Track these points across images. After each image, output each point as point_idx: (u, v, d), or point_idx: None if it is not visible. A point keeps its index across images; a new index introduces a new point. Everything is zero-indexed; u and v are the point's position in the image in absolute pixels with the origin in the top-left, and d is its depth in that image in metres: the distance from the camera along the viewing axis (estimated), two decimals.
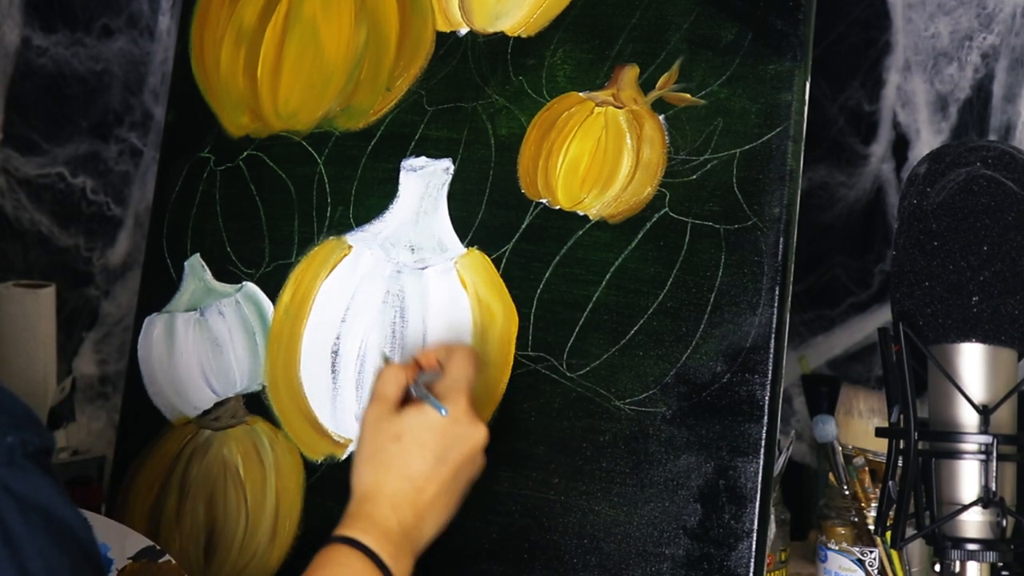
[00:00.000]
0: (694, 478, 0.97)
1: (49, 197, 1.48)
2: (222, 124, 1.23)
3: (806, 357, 1.49)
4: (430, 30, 1.15)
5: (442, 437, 0.94)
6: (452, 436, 0.94)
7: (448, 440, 0.94)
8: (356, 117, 1.17)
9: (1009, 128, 1.39)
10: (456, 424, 0.94)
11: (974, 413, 0.93)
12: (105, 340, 1.53)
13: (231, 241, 1.20)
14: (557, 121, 1.08)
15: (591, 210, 1.05)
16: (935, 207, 0.95)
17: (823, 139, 1.46)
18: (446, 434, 0.94)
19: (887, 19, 1.43)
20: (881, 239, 1.46)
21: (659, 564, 0.97)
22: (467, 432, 0.94)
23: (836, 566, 1.21)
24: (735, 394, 0.97)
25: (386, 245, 1.12)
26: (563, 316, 1.04)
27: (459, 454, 0.94)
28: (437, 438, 0.94)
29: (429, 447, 0.93)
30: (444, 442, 0.94)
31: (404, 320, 1.10)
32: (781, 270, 0.98)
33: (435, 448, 0.93)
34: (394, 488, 0.93)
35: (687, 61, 1.05)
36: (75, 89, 1.49)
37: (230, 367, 1.17)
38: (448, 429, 0.94)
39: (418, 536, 0.93)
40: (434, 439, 0.94)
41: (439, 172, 1.12)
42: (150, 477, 1.18)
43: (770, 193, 0.99)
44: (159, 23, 1.52)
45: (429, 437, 0.94)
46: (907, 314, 0.95)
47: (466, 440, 0.94)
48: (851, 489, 1.22)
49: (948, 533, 0.93)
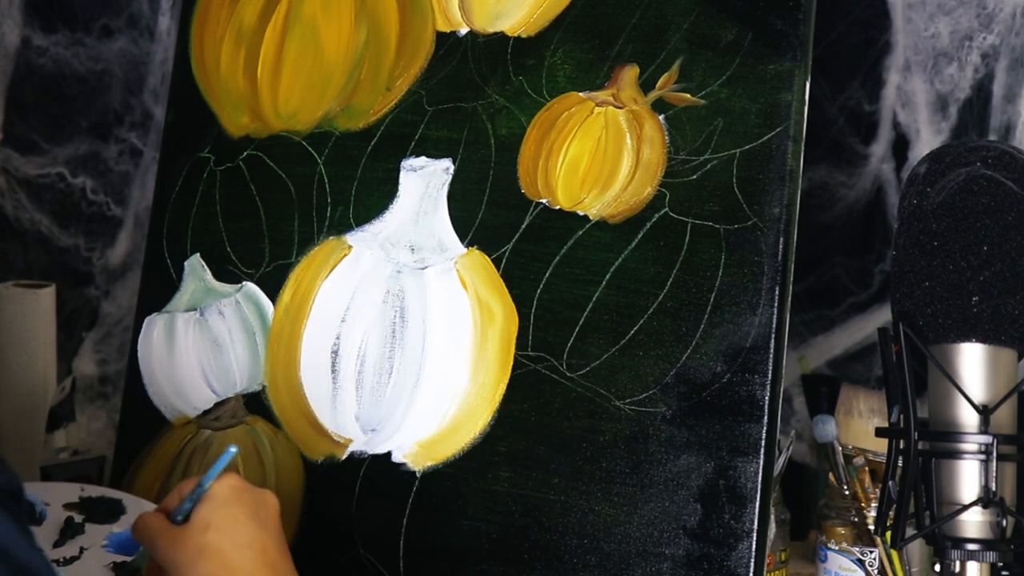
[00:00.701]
0: (694, 478, 0.97)
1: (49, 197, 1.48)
2: (222, 124, 1.23)
3: (806, 357, 1.49)
4: (430, 30, 1.15)
5: (240, 503, 0.91)
6: (250, 500, 0.91)
7: (248, 503, 0.91)
8: (356, 117, 1.17)
9: (1009, 128, 1.39)
10: (246, 490, 0.91)
11: (974, 413, 0.93)
12: (105, 340, 1.53)
13: (231, 241, 1.20)
14: (557, 121, 1.08)
15: (591, 210, 1.05)
16: (935, 207, 0.95)
17: (823, 139, 1.46)
18: (243, 500, 0.91)
19: (887, 19, 1.43)
20: (881, 239, 1.46)
21: (659, 564, 0.97)
22: (258, 493, 0.92)
23: (836, 566, 1.21)
24: (735, 394, 0.97)
25: (386, 245, 1.13)
26: (563, 316, 1.04)
27: (267, 511, 0.91)
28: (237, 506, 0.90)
29: (240, 513, 0.90)
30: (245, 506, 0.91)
31: (404, 320, 1.10)
32: (781, 270, 0.98)
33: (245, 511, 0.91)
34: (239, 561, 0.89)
35: (687, 61, 1.05)
36: (75, 89, 1.49)
37: (230, 367, 1.17)
38: (241, 495, 0.91)
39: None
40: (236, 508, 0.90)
41: (439, 172, 1.12)
42: (150, 477, 1.18)
43: (770, 193, 0.99)
44: (159, 23, 1.52)
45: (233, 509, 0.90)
46: (907, 314, 0.95)
47: (261, 497, 0.92)
48: (851, 489, 1.22)
49: (948, 533, 0.93)
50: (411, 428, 1.08)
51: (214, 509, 0.90)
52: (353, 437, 1.10)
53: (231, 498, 0.91)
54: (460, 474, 1.05)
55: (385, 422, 1.09)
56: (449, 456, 1.06)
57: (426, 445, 1.07)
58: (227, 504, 0.90)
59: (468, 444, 1.06)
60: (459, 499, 1.05)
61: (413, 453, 1.07)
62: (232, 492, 0.91)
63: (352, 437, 1.10)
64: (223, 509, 0.90)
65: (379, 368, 1.10)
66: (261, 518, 0.91)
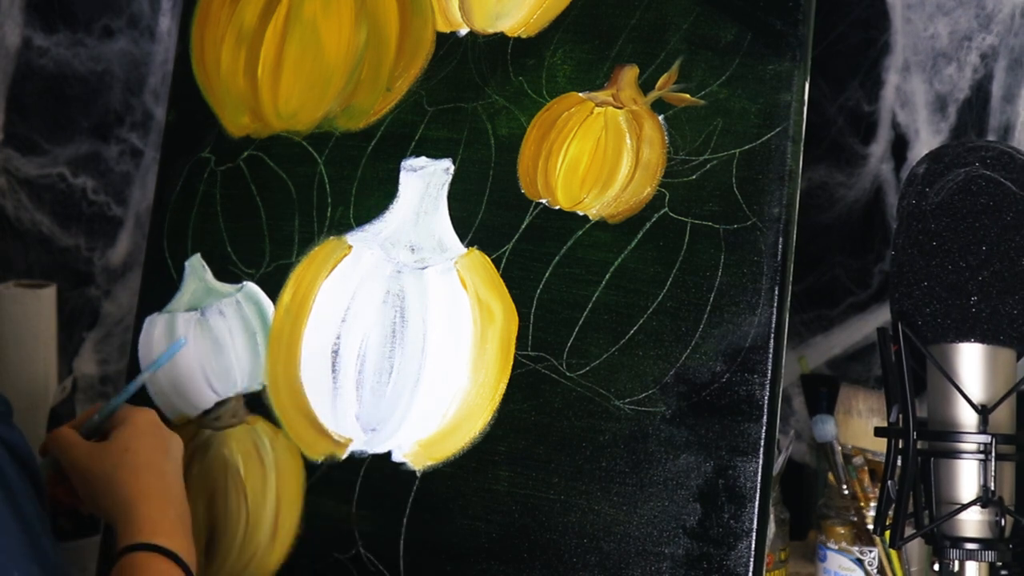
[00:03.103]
0: (694, 477, 0.98)
1: (50, 197, 1.49)
2: (222, 124, 1.23)
3: (806, 357, 1.49)
4: (430, 30, 1.15)
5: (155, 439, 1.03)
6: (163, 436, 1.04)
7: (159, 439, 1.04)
8: (356, 117, 1.17)
9: (1008, 128, 1.39)
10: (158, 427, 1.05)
11: (973, 413, 0.93)
12: (106, 340, 1.53)
13: (231, 241, 1.20)
14: (557, 121, 1.08)
15: (591, 210, 1.05)
16: (934, 207, 0.95)
17: (823, 139, 1.46)
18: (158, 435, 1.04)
19: (886, 20, 1.43)
20: (880, 239, 1.46)
21: (659, 563, 0.98)
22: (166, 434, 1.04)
23: (835, 565, 1.22)
24: (734, 394, 0.98)
25: (386, 245, 1.13)
26: (563, 316, 1.04)
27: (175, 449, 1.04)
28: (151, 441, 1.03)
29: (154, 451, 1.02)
30: (158, 442, 1.03)
31: (404, 320, 1.10)
32: (781, 270, 0.98)
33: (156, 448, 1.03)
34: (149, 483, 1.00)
35: (687, 61, 1.05)
36: (76, 89, 1.50)
37: (230, 367, 1.18)
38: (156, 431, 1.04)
39: (188, 515, 1.01)
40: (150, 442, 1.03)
41: (439, 172, 1.12)
42: None
43: (770, 193, 0.99)
44: (160, 23, 1.52)
45: (146, 442, 1.02)
46: (906, 314, 0.96)
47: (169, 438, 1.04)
48: (850, 489, 1.23)
49: (947, 532, 0.93)
50: (411, 428, 1.08)
51: (134, 435, 1.02)
52: (353, 437, 1.10)
53: (148, 430, 1.03)
54: (460, 474, 1.06)
55: (385, 422, 1.09)
56: (449, 456, 1.06)
57: (426, 445, 1.07)
58: (145, 434, 1.03)
59: (468, 444, 1.06)
60: (459, 499, 1.05)
61: (413, 453, 1.08)
62: (149, 425, 1.04)
63: (352, 437, 1.11)
64: (142, 438, 1.02)
65: (379, 368, 1.10)
66: (172, 454, 1.03)
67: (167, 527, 0.97)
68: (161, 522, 0.97)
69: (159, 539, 0.96)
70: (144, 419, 1.04)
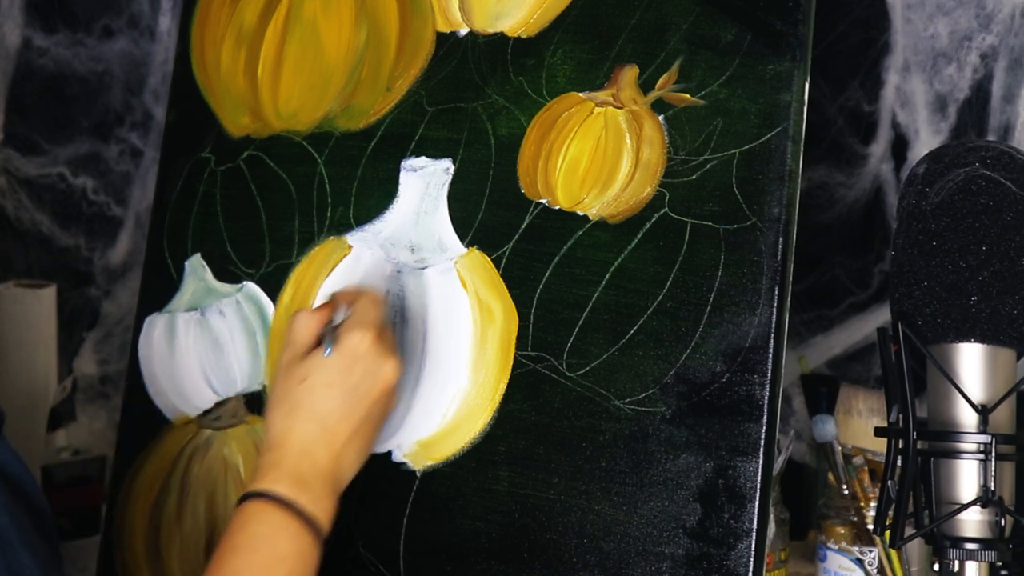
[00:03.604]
0: (693, 477, 0.98)
1: (50, 197, 1.49)
2: (222, 124, 1.23)
3: (806, 357, 1.49)
4: (430, 30, 1.16)
5: (349, 374, 0.92)
6: (359, 373, 0.92)
7: (355, 377, 0.92)
8: (356, 117, 1.17)
9: (1008, 128, 1.39)
10: (362, 360, 0.92)
11: (973, 413, 0.93)
12: (106, 340, 1.53)
13: (231, 241, 1.20)
14: (557, 121, 1.08)
15: (591, 210, 1.05)
16: (934, 207, 0.95)
17: (823, 139, 1.46)
18: (353, 371, 0.92)
19: (886, 19, 1.43)
20: (880, 239, 1.46)
21: (659, 563, 0.98)
22: (374, 367, 0.92)
23: (835, 565, 1.22)
24: (734, 394, 0.98)
25: (386, 245, 1.13)
26: (563, 316, 1.04)
27: (368, 391, 0.92)
28: (344, 376, 0.92)
29: (336, 386, 0.91)
30: (352, 379, 0.92)
31: (404, 320, 1.10)
32: (780, 270, 0.98)
33: (343, 386, 0.91)
34: (303, 431, 0.91)
35: (687, 61, 1.05)
36: (76, 89, 1.50)
37: (231, 367, 1.18)
38: (355, 366, 0.92)
39: (336, 477, 0.91)
40: (341, 377, 0.91)
41: (439, 172, 1.12)
42: (151, 477, 1.19)
43: (770, 193, 0.99)
44: (160, 24, 1.52)
45: (336, 376, 0.91)
46: (906, 314, 0.96)
47: (374, 375, 0.93)
48: (850, 489, 1.23)
49: (947, 532, 0.93)
50: (411, 428, 1.08)
51: (319, 366, 0.91)
52: None
53: (341, 364, 0.91)
54: (460, 474, 1.06)
55: (385, 421, 1.09)
56: (449, 456, 1.06)
57: (426, 445, 1.07)
58: (333, 367, 0.91)
59: (468, 444, 1.06)
60: (459, 499, 1.05)
61: (413, 452, 1.08)
62: (348, 356, 0.92)
63: None
64: (325, 372, 0.91)
65: None
66: (360, 393, 0.91)
67: (297, 477, 0.88)
68: (292, 471, 0.88)
69: (281, 488, 0.87)
70: (344, 348, 0.92)
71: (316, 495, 0.89)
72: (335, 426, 0.91)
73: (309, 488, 0.89)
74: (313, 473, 0.90)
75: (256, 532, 0.86)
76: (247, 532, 0.86)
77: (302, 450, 0.90)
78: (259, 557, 0.85)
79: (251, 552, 0.85)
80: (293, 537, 0.86)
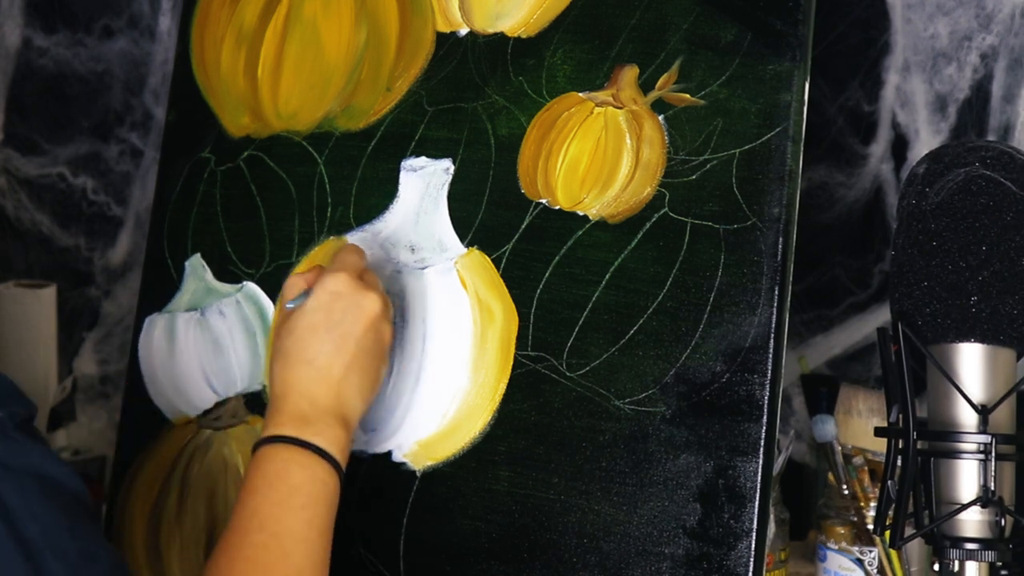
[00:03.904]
0: (694, 477, 0.98)
1: (50, 197, 1.49)
2: (223, 124, 1.23)
3: (806, 357, 1.49)
4: (430, 30, 1.15)
5: (330, 314, 0.96)
6: (340, 311, 0.96)
7: (337, 315, 0.96)
8: (356, 117, 1.17)
9: (1008, 128, 1.39)
10: (342, 299, 0.97)
11: (973, 413, 0.93)
12: (106, 340, 1.53)
13: (231, 241, 1.20)
14: (557, 121, 1.08)
15: (591, 210, 1.05)
16: (934, 207, 0.95)
17: (823, 139, 1.46)
18: (333, 311, 0.96)
19: (886, 20, 1.43)
20: (880, 239, 1.46)
21: (659, 563, 0.98)
22: (354, 304, 0.97)
23: (835, 565, 1.22)
24: (734, 394, 0.98)
25: (386, 245, 1.13)
26: (563, 316, 1.04)
27: (352, 325, 0.96)
28: (326, 316, 0.96)
29: (320, 327, 0.96)
30: (333, 318, 0.96)
31: (404, 320, 1.10)
32: (781, 270, 0.98)
33: (326, 326, 0.96)
34: (297, 375, 0.95)
35: (687, 61, 1.05)
36: (76, 89, 1.50)
37: (231, 367, 1.18)
38: (335, 305, 0.96)
39: (340, 410, 0.95)
40: (323, 318, 0.96)
41: (439, 172, 1.12)
42: (151, 477, 1.19)
43: (770, 193, 0.99)
44: (160, 24, 1.52)
45: (318, 318, 0.96)
46: (906, 314, 0.96)
47: (356, 311, 0.97)
48: (850, 489, 1.23)
49: (947, 532, 0.93)
50: (411, 428, 1.08)
51: (301, 315, 0.97)
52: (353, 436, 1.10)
53: (322, 307, 0.97)
54: (460, 474, 1.06)
55: (385, 421, 1.09)
56: (449, 456, 1.06)
57: (426, 445, 1.07)
58: (314, 311, 0.97)
59: (468, 444, 1.06)
60: (459, 499, 1.05)
61: (413, 452, 1.08)
62: (328, 298, 0.97)
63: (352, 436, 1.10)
64: (308, 317, 0.96)
65: None
66: (345, 329, 0.96)
67: (298, 417, 0.93)
68: (293, 413, 0.93)
69: (285, 429, 0.92)
70: (322, 292, 0.97)
71: (320, 428, 0.93)
72: (326, 364, 0.95)
73: (312, 423, 0.93)
74: (314, 410, 0.94)
75: (268, 470, 0.91)
76: (260, 472, 0.91)
77: (299, 393, 0.95)
78: (275, 491, 0.89)
79: (267, 488, 0.90)
80: (304, 467, 0.91)
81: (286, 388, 0.95)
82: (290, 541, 0.88)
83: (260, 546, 0.87)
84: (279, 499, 0.89)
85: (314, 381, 0.95)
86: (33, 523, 0.68)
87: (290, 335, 0.97)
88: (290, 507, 0.89)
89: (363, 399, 0.98)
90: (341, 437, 0.94)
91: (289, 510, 0.89)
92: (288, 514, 0.89)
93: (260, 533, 0.88)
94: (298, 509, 0.89)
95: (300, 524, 0.89)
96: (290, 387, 0.95)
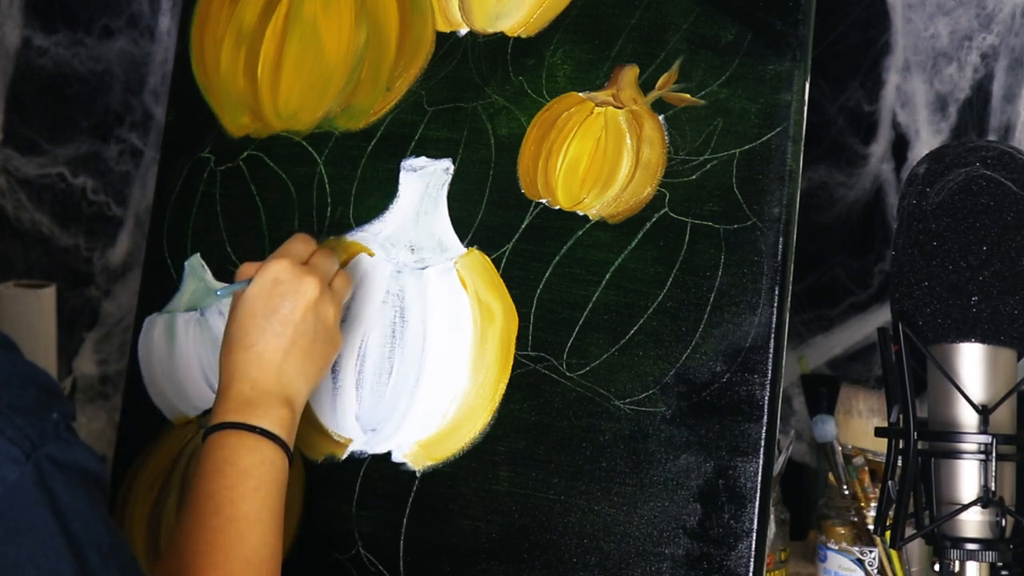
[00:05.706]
0: (694, 478, 0.98)
1: (49, 197, 1.49)
2: (222, 124, 1.23)
3: (806, 357, 1.49)
4: (430, 30, 1.15)
5: (268, 300, 0.99)
6: (279, 296, 0.99)
7: (275, 300, 0.99)
8: (356, 117, 1.17)
9: (1008, 128, 1.39)
10: (280, 284, 0.99)
11: (973, 413, 0.93)
12: (105, 340, 1.53)
13: (231, 241, 1.20)
14: (557, 121, 1.08)
15: (591, 210, 1.05)
16: (934, 207, 0.95)
17: (823, 139, 1.46)
18: (272, 296, 0.99)
19: (887, 19, 1.43)
20: (881, 239, 1.46)
21: (659, 563, 0.98)
22: (292, 289, 0.99)
23: (836, 566, 1.22)
24: (735, 394, 0.98)
25: (386, 245, 1.13)
26: (563, 316, 1.04)
27: (292, 310, 0.99)
28: (264, 303, 0.99)
29: (258, 314, 0.99)
30: (272, 303, 0.99)
31: (404, 320, 1.10)
32: (781, 270, 0.98)
33: (264, 312, 0.99)
34: (239, 361, 0.98)
35: (687, 61, 1.05)
36: (75, 89, 1.50)
37: None
38: (273, 290, 0.99)
39: (283, 393, 0.98)
40: (262, 305, 0.99)
41: (439, 172, 1.12)
42: (150, 477, 1.19)
43: (770, 193, 0.99)
44: (159, 23, 1.52)
45: (256, 305, 0.99)
46: (906, 314, 0.96)
47: (294, 295, 0.99)
48: (851, 489, 1.23)
49: (947, 533, 0.93)
50: (411, 428, 1.08)
51: (243, 303, 1.00)
52: (353, 437, 1.10)
53: (260, 294, 1.00)
54: (460, 474, 1.06)
55: (385, 422, 1.09)
56: (449, 456, 1.06)
57: (426, 445, 1.07)
58: (254, 298, 1.00)
59: (468, 444, 1.06)
60: (459, 499, 1.05)
61: (413, 453, 1.08)
62: (267, 284, 1.00)
63: (352, 437, 1.11)
64: (247, 305, 1.00)
65: (379, 368, 1.10)
66: (284, 314, 0.99)
67: (243, 402, 0.96)
68: (237, 398, 0.96)
69: (231, 416, 0.95)
70: (261, 281, 1.00)
71: (265, 410, 0.96)
72: (266, 349, 0.98)
73: (256, 407, 0.96)
74: (257, 393, 0.97)
75: (218, 456, 0.93)
76: (211, 459, 0.93)
77: (240, 378, 0.97)
78: (226, 476, 0.92)
79: (218, 473, 0.92)
80: (252, 450, 0.94)
81: (230, 375, 0.98)
82: (245, 523, 0.91)
83: (217, 530, 0.90)
84: (231, 483, 0.92)
85: (255, 366, 0.98)
86: (78, 518, 0.70)
87: (233, 323, 1.00)
88: (243, 490, 0.92)
89: (307, 380, 1.00)
90: (286, 418, 0.97)
91: (242, 493, 0.92)
92: (241, 497, 0.91)
93: (216, 517, 0.90)
94: (251, 492, 0.92)
95: (254, 506, 0.92)
96: (233, 374, 0.98)
